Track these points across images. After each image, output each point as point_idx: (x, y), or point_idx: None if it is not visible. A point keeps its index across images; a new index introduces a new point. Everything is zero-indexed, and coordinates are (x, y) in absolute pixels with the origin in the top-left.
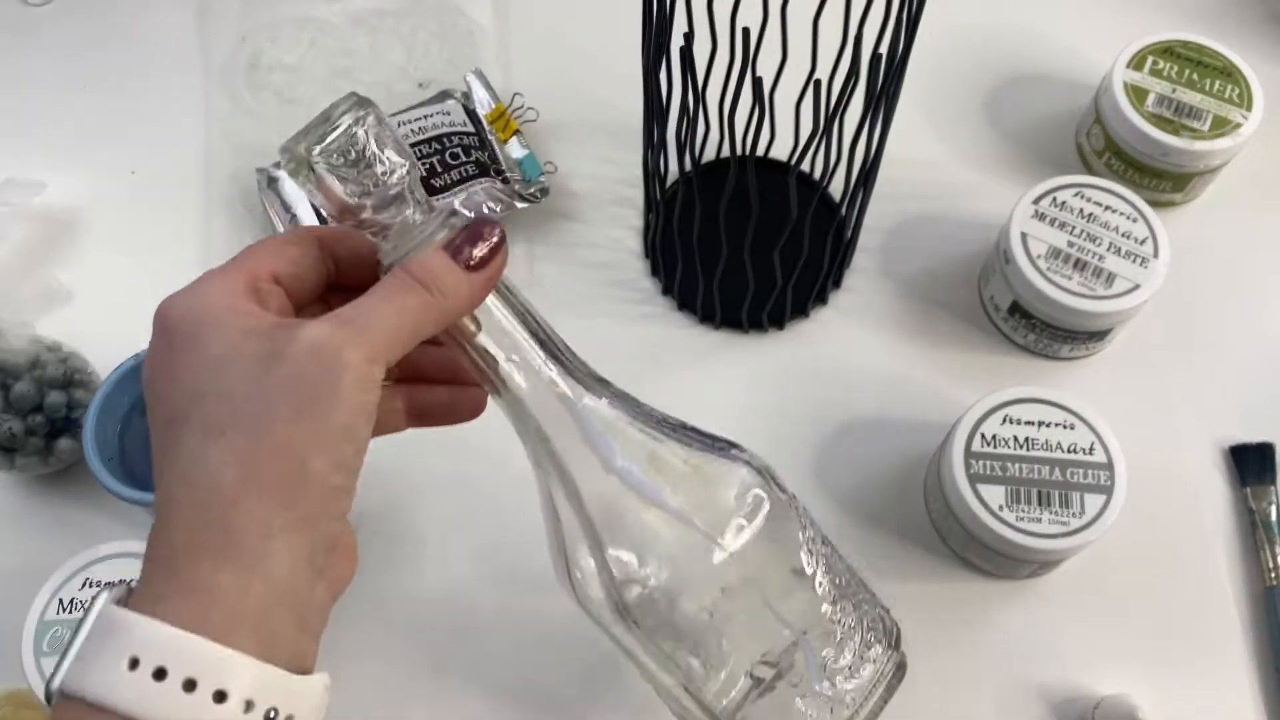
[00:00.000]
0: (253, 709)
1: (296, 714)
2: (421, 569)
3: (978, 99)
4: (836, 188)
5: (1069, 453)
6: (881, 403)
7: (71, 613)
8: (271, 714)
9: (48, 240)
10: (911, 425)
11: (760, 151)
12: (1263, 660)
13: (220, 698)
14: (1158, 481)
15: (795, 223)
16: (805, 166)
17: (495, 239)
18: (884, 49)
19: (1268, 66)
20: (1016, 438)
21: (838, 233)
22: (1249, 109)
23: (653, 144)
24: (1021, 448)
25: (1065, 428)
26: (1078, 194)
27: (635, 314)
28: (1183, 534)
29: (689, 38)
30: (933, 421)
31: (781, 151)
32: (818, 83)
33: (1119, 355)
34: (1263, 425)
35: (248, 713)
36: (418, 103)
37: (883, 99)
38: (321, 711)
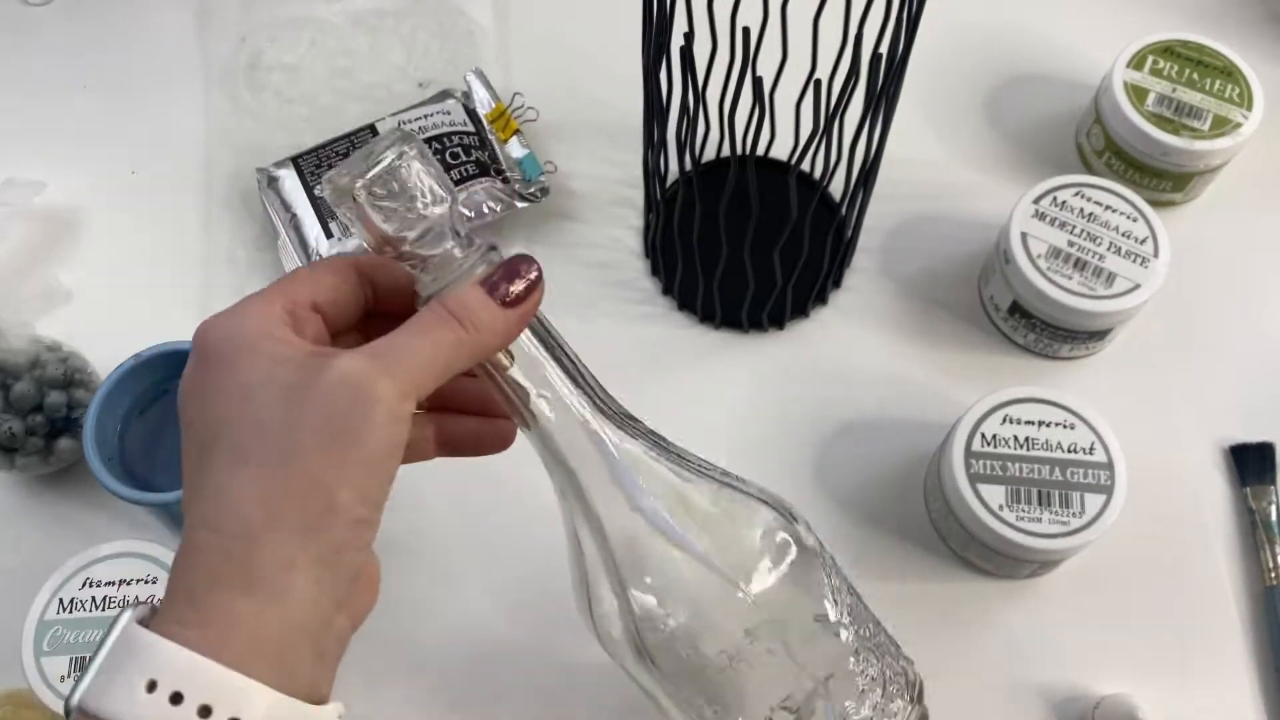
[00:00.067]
0: None
1: None
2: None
3: (978, 99)
4: (836, 188)
5: (1069, 452)
6: (881, 403)
7: (72, 613)
8: None
9: (48, 240)
10: (911, 425)
11: (760, 151)
12: (1263, 660)
13: None
14: (1158, 481)
15: (795, 223)
16: (805, 166)
17: (533, 275)
18: (884, 49)
19: (1268, 66)
20: (1016, 437)
21: (838, 233)
22: (1249, 109)
23: (653, 144)
24: (1021, 447)
25: (1065, 427)
26: (1078, 194)
27: (635, 314)
28: (1183, 534)
29: (689, 37)
30: (933, 421)
31: (781, 151)
32: (818, 82)
33: (1119, 355)
34: (1263, 425)
35: None
36: (418, 102)
37: (883, 99)
38: None
